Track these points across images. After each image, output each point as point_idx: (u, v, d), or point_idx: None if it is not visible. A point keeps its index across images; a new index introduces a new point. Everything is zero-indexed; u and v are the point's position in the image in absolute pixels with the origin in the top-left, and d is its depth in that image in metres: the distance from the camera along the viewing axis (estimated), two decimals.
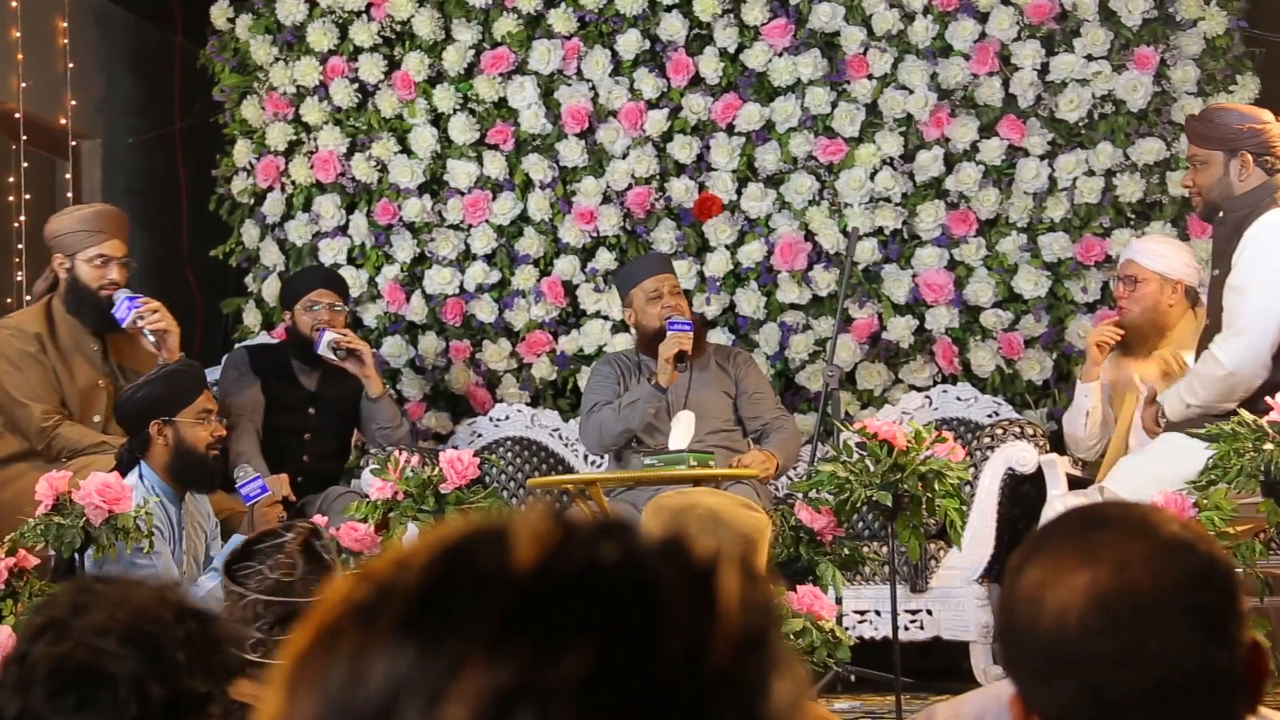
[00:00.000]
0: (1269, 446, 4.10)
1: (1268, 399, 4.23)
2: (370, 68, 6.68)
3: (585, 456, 6.37)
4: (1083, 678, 1.31)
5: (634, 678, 0.70)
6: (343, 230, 6.75)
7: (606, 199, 6.54)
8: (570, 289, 6.58)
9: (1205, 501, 4.13)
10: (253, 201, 6.85)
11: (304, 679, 0.74)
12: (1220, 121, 4.92)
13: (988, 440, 5.79)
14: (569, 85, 6.59)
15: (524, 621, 0.71)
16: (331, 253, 6.69)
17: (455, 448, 5.23)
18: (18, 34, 6.59)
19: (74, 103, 6.89)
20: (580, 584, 0.73)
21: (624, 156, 6.53)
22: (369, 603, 0.74)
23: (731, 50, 6.52)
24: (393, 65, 6.72)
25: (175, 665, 1.65)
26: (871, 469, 4.35)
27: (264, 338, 6.54)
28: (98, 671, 1.64)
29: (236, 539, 4.85)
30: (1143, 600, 1.31)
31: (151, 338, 5.33)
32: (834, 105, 6.43)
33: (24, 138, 6.60)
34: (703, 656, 0.72)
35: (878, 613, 5.58)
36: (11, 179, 6.62)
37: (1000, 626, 1.41)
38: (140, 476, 4.83)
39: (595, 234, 6.54)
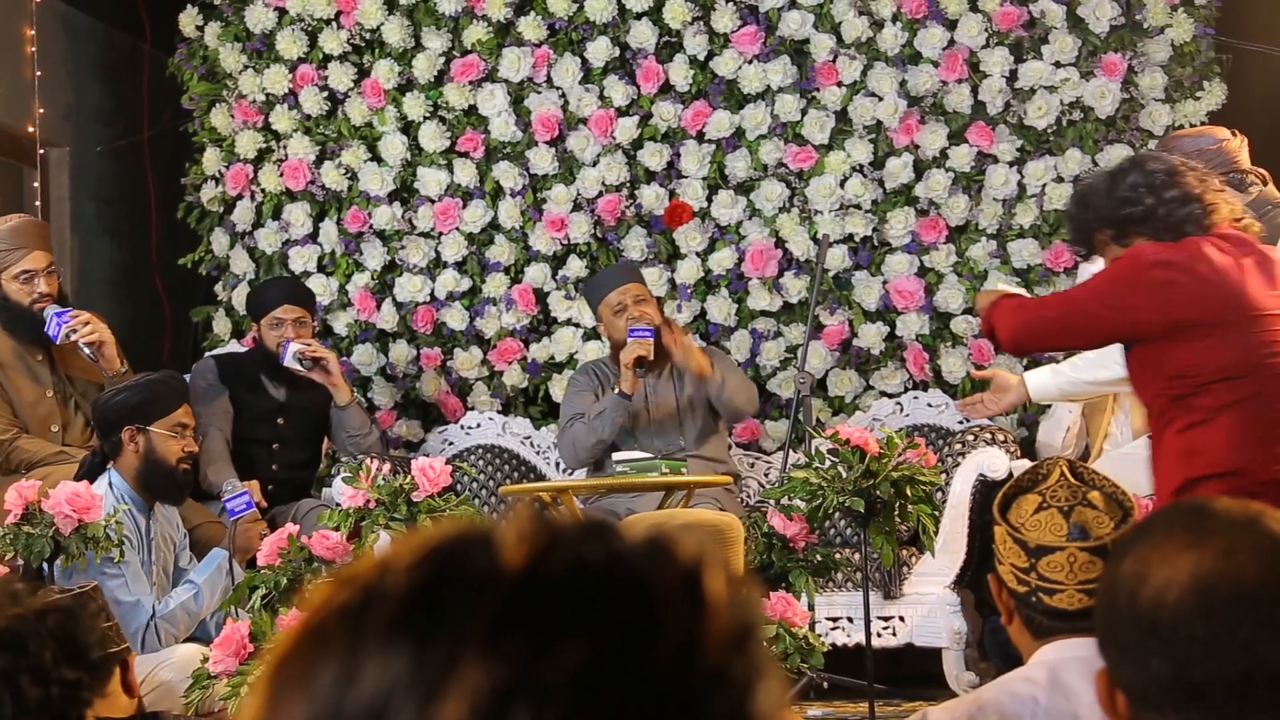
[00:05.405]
0: None
1: None
2: (340, 75, 6.66)
3: (557, 464, 6.36)
4: (1171, 658, 1.32)
5: (628, 673, 0.71)
6: (313, 238, 6.73)
7: (577, 206, 6.54)
8: (541, 296, 6.57)
9: None
10: (222, 209, 6.83)
11: (289, 682, 0.74)
12: (1175, 148, 4.86)
13: (959, 447, 5.80)
14: (539, 93, 6.58)
15: (518, 619, 0.71)
16: (301, 261, 6.68)
17: (426, 455, 5.22)
18: None
19: (42, 110, 6.86)
20: (571, 582, 0.73)
21: (594, 164, 6.53)
22: (355, 604, 0.74)
23: (701, 58, 6.52)
24: (362, 73, 6.70)
25: (42, 661, 1.66)
26: (844, 475, 4.35)
27: (234, 346, 6.51)
28: None
29: (217, 553, 4.82)
30: (1243, 590, 1.32)
31: (87, 350, 5.25)
32: (804, 112, 6.45)
33: None
34: (694, 653, 0.72)
35: (850, 619, 5.58)
36: None
37: (1099, 600, 1.41)
38: (110, 484, 4.80)
39: (566, 241, 6.54)
